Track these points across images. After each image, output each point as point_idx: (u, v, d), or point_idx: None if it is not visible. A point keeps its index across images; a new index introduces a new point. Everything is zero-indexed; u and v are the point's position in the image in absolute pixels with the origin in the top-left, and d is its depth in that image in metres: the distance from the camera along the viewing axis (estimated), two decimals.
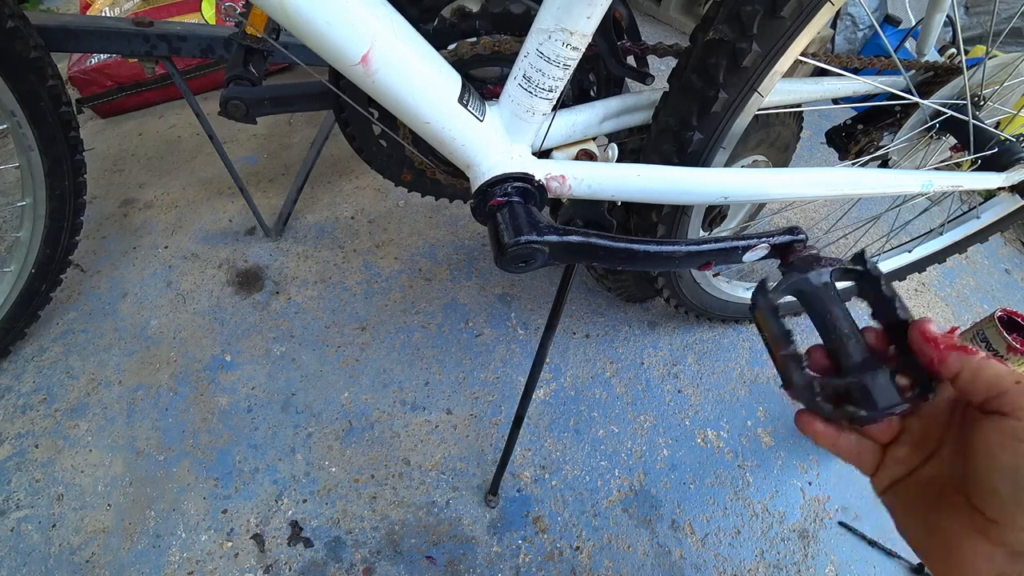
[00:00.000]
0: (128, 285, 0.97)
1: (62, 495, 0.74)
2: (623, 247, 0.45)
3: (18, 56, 0.61)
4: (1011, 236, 1.38)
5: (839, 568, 0.77)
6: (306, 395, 0.86)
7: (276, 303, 0.98)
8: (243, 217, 1.10)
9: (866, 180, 0.63)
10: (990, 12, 1.48)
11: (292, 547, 0.72)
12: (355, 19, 0.38)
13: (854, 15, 1.54)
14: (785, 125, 0.77)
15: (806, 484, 0.85)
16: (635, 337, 1.01)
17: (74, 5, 1.62)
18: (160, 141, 1.26)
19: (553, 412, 0.89)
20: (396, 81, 0.41)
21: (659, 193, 0.54)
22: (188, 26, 0.79)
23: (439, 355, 0.94)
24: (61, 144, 0.70)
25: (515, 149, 0.49)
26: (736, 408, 0.93)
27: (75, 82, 1.20)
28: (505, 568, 0.73)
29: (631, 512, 0.80)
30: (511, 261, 0.45)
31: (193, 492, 0.76)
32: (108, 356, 0.88)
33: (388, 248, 1.08)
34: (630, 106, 0.63)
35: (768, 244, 0.43)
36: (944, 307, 1.16)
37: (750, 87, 0.54)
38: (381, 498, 0.77)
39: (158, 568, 0.69)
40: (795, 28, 0.49)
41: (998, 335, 0.73)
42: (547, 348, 0.63)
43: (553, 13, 0.41)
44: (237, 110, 0.66)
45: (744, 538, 0.79)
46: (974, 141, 0.72)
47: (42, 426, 0.80)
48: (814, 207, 1.29)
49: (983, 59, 0.74)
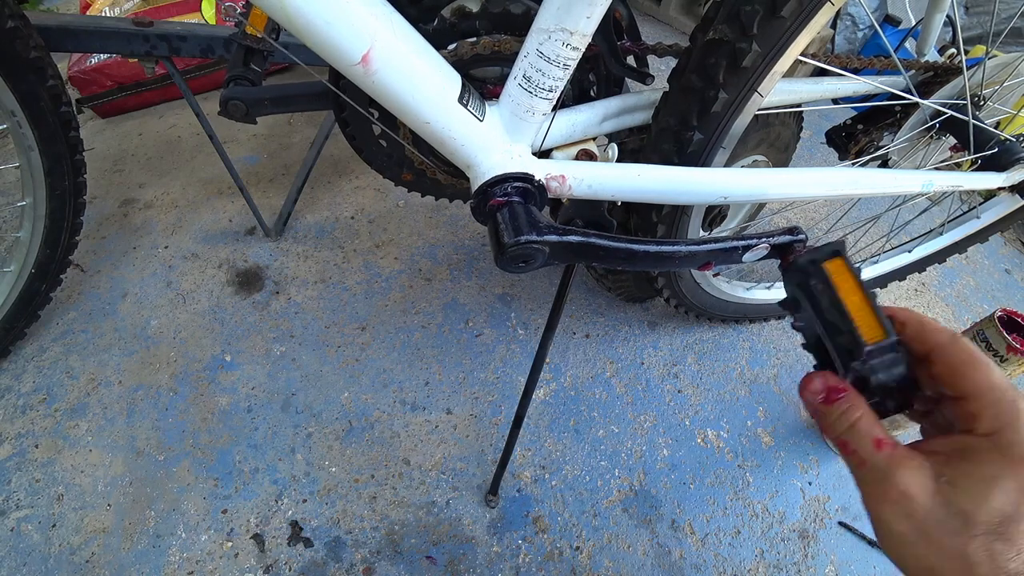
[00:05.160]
0: (128, 285, 0.97)
1: (62, 495, 0.74)
2: (623, 247, 0.45)
3: (18, 56, 0.61)
4: (1011, 236, 1.38)
5: (839, 568, 0.77)
6: (306, 395, 0.86)
7: (276, 303, 0.98)
8: (243, 217, 1.10)
9: (866, 180, 0.63)
10: (990, 12, 1.47)
11: (292, 547, 0.72)
12: (355, 19, 0.38)
13: (854, 15, 1.54)
14: (785, 125, 0.77)
15: (806, 484, 0.85)
16: (635, 337, 1.01)
17: (74, 5, 1.62)
18: (160, 141, 1.26)
19: (553, 412, 0.89)
20: (396, 81, 0.41)
21: (659, 193, 0.54)
22: (188, 26, 0.79)
23: (439, 355, 0.94)
24: (61, 144, 0.70)
25: (515, 149, 0.49)
26: (736, 408, 0.93)
27: (75, 82, 1.20)
28: (505, 568, 0.73)
29: (631, 512, 0.80)
30: (511, 261, 0.45)
31: (193, 492, 0.76)
32: (108, 356, 0.88)
33: (388, 248, 1.09)
34: (630, 106, 0.63)
35: (768, 244, 0.43)
36: (944, 307, 1.16)
37: (750, 87, 0.54)
38: (381, 498, 0.77)
39: (158, 568, 0.69)
40: (795, 28, 0.49)
41: (998, 335, 0.73)
42: (547, 348, 0.63)
43: (553, 13, 0.41)
44: (237, 110, 0.66)
45: (744, 538, 0.79)
46: (974, 141, 0.72)
47: (42, 426, 0.80)
48: (814, 207, 1.29)
49: (983, 59, 0.74)
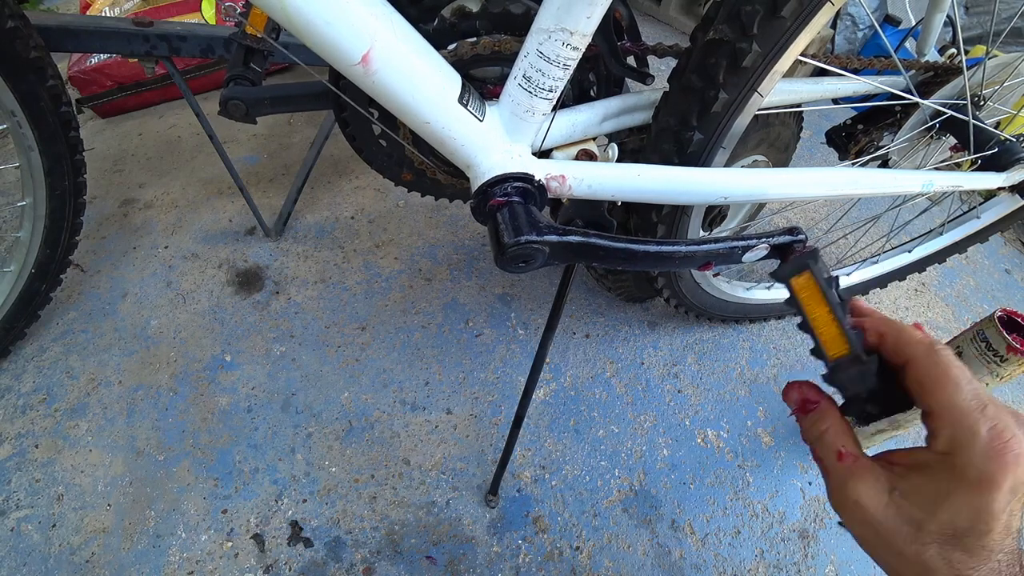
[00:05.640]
0: (128, 285, 0.97)
1: (62, 495, 0.74)
2: (623, 247, 0.45)
3: (18, 56, 0.61)
4: (1011, 236, 1.38)
5: (839, 568, 0.77)
6: (306, 395, 0.86)
7: (276, 303, 0.98)
8: (243, 217, 1.10)
9: (866, 180, 0.63)
10: (990, 12, 1.47)
11: (292, 547, 0.72)
12: (355, 19, 0.38)
13: (854, 15, 1.54)
14: (785, 125, 0.77)
15: (806, 484, 0.85)
16: (635, 337, 1.01)
17: (74, 5, 1.62)
18: (160, 141, 1.26)
19: (553, 412, 0.89)
20: (396, 81, 0.41)
21: (659, 193, 0.54)
22: (188, 26, 0.79)
23: (439, 355, 0.94)
24: (61, 144, 0.70)
25: (515, 149, 0.49)
26: (736, 408, 0.93)
27: (75, 82, 1.20)
28: (505, 568, 0.73)
29: (631, 512, 0.80)
30: (511, 261, 0.45)
31: (193, 492, 0.76)
32: (108, 356, 0.88)
33: (388, 248, 1.08)
34: (630, 106, 0.63)
35: (768, 244, 0.43)
36: (944, 307, 1.16)
37: (750, 87, 0.54)
38: (381, 498, 0.77)
39: (158, 568, 0.69)
40: (795, 28, 0.49)
41: (998, 335, 0.73)
42: (547, 348, 0.63)
43: (553, 13, 0.41)
44: (237, 110, 0.66)
45: (744, 538, 0.79)
46: (974, 141, 0.72)
47: (42, 426, 0.80)
48: (814, 207, 1.29)
49: (983, 59, 0.74)
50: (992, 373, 0.76)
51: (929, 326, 1.12)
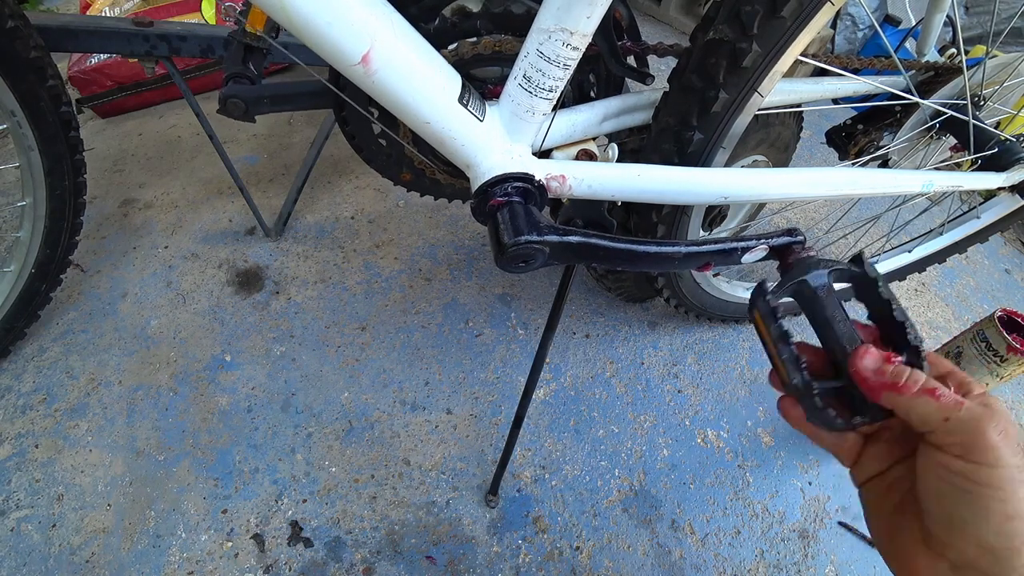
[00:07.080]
0: (128, 285, 0.97)
1: (62, 495, 0.74)
2: (623, 247, 0.45)
3: (18, 56, 0.61)
4: (1011, 236, 1.38)
5: (839, 568, 0.77)
6: (306, 395, 0.86)
7: (276, 303, 0.98)
8: (243, 217, 1.10)
9: (866, 180, 0.63)
10: (990, 12, 1.48)
11: (292, 547, 0.72)
12: (355, 19, 0.38)
13: (854, 15, 1.54)
14: (785, 125, 0.77)
15: (806, 484, 0.85)
16: (635, 337, 1.01)
17: (74, 5, 1.62)
18: (160, 141, 1.26)
19: (553, 412, 0.89)
20: (396, 81, 0.41)
21: (659, 193, 0.54)
22: (188, 26, 0.79)
23: (439, 355, 0.94)
24: (61, 144, 0.70)
25: (515, 149, 0.49)
26: (736, 408, 0.93)
27: (75, 82, 1.20)
28: (505, 568, 0.73)
29: (631, 512, 0.80)
30: (511, 261, 0.45)
31: (193, 492, 0.76)
32: (108, 356, 0.88)
33: (388, 248, 1.08)
34: (630, 106, 0.63)
35: (767, 245, 0.43)
36: (944, 307, 1.16)
37: (750, 87, 0.54)
38: (381, 498, 0.77)
39: (158, 568, 0.69)
40: (795, 28, 0.49)
41: (998, 335, 0.73)
42: (547, 348, 0.63)
43: (553, 13, 0.41)
44: (236, 108, 0.66)
45: (744, 538, 0.79)
46: (974, 141, 0.72)
47: (42, 426, 0.80)
48: (814, 207, 1.29)
49: (983, 59, 0.74)
50: (992, 373, 0.76)
51: (929, 326, 1.12)
